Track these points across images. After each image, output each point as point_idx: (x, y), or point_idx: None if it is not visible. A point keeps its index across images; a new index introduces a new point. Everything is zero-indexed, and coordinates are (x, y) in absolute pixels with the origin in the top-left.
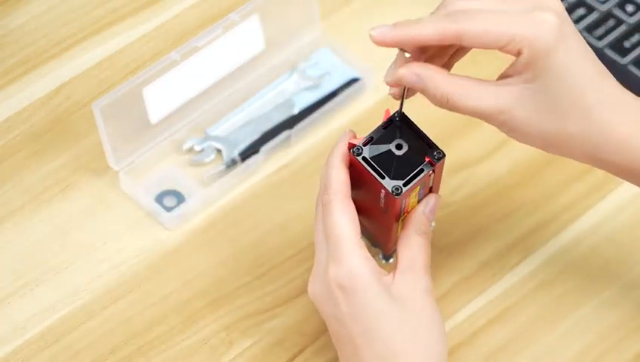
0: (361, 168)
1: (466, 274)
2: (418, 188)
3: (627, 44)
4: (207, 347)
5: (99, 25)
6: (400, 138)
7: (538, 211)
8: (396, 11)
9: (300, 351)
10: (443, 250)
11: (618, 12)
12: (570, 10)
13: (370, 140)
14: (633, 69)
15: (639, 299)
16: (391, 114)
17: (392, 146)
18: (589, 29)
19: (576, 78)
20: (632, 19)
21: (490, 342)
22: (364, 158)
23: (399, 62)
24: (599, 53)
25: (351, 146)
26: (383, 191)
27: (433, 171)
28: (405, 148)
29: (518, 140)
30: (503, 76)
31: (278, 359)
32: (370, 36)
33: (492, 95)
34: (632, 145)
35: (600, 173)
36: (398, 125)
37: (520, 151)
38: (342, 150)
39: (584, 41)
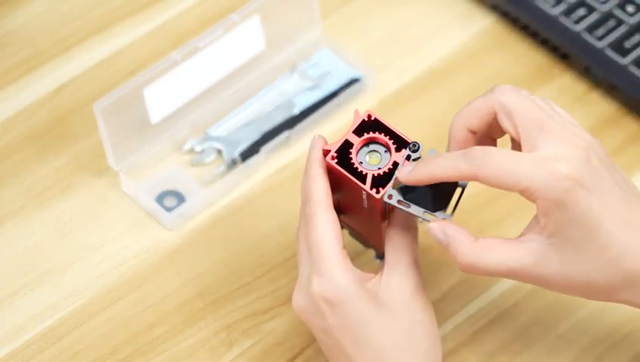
0: (340, 173)
1: (465, 274)
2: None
3: (628, 44)
4: (207, 347)
5: (99, 25)
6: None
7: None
8: (396, 11)
9: (300, 352)
10: (443, 251)
11: (618, 12)
12: (570, 10)
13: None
14: (634, 69)
15: None
16: (360, 114)
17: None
18: (590, 30)
19: (597, 228)
20: (633, 20)
21: (490, 342)
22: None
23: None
24: (600, 54)
25: (325, 152)
26: (364, 192)
27: None
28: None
29: (547, 289)
30: (526, 231)
31: (278, 359)
32: (398, 178)
33: (514, 255)
34: None
35: None
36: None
37: None
38: (318, 158)
39: (610, 183)
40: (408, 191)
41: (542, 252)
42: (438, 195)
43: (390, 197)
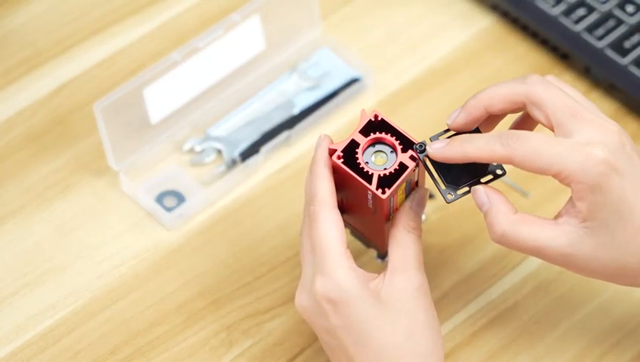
0: (345, 172)
1: (465, 274)
2: (404, 184)
3: (627, 44)
4: (208, 347)
5: (99, 25)
6: None
7: (538, 212)
8: (396, 11)
9: (300, 352)
10: (443, 250)
11: (618, 12)
12: (570, 10)
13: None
14: (633, 69)
15: (638, 299)
16: (367, 114)
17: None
18: (590, 30)
19: (630, 212)
20: (633, 20)
21: (490, 342)
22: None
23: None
24: (600, 54)
25: (331, 151)
26: (369, 192)
27: (417, 165)
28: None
29: (574, 272)
30: (562, 213)
31: (278, 359)
32: (428, 152)
33: (550, 234)
34: None
35: None
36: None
37: None
38: (324, 157)
39: None
40: (448, 177)
41: (577, 235)
42: (470, 172)
43: (450, 195)
